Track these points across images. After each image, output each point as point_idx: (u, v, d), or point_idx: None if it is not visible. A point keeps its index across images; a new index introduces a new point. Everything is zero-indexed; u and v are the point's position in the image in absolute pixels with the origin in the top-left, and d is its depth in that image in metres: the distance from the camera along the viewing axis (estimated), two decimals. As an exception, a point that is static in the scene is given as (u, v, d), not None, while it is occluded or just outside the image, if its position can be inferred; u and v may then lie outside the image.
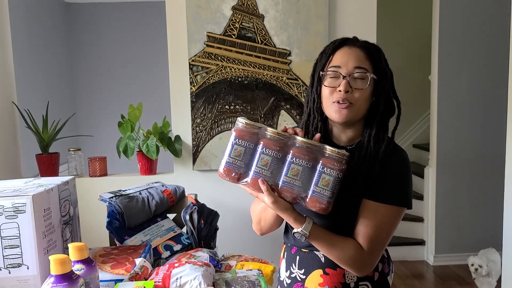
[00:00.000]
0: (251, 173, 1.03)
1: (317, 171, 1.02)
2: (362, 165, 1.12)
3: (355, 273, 1.14)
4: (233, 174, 1.04)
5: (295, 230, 1.08)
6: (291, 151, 1.02)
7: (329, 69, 1.14)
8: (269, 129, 1.03)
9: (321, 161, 1.02)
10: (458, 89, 3.40)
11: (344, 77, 1.11)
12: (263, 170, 1.02)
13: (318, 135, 1.09)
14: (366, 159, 1.13)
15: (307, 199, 1.03)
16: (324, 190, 1.02)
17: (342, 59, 1.13)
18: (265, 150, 1.02)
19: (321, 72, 1.16)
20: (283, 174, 1.02)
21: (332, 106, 1.13)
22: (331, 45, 1.18)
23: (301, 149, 1.02)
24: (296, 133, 1.05)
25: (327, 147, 1.03)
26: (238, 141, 1.03)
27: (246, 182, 1.04)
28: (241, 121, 1.04)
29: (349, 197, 1.12)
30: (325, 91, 1.14)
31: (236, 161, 1.03)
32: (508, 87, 2.35)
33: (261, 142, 1.02)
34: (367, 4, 2.44)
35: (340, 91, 1.10)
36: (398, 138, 4.36)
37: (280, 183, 1.03)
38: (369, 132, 1.15)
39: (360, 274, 1.14)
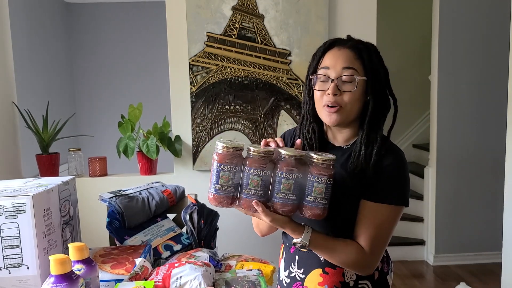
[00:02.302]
0: (243, 196, 1.00)
1: (309, 181, 1.00)
2: (356, 167, 1.12)
3: (359, 274, 1.15)
4: (225, 200, 1.01)
5: (294, 241, 1.08)
6: (279, 166, 1.00)
7: (318, 72, 1.14)
8: (252, 148, 1.00)
9: (310, 171, 1.01)
10: (458, 89, 3.40)
11: (332, 80, 1.11)
12: (255, 191, 0.99)
13: (299, 141, 1.09)
14: (359, 161, 1.12)
15: (303, 208, 1.03)
16: (318, 199, 1.01)
17: (331, 61, 1.12)
18: (253, 171, 0.98)
19: (310, 76, 1.16)
20: (276, 190, 1.00)
21: (323, 109, 1.13)
22: (321, 46, 1.17)
23: (288, 162, 0.99)
24: (278, 145, 1.04)
25: (313, 155, 1.01)
26: (223, 167, 0.99)
27: (240, 205, 1.02)
28: (220, 145, 0.99)
29: (347, 199, 1.13)
30: (316, 94, 1.15)
31: (225, 187, 0.99)
32: (508, 87, 2.35)
33: (247, 163, 0.99)
34: (367, 4, 2.44)
35: (329, 94, 1.10)
36: (398, 138, 4.36)
37: (275, 200, 1.01)
38: (361, 134, 1.15)
39: (364, 274, 1.15)
